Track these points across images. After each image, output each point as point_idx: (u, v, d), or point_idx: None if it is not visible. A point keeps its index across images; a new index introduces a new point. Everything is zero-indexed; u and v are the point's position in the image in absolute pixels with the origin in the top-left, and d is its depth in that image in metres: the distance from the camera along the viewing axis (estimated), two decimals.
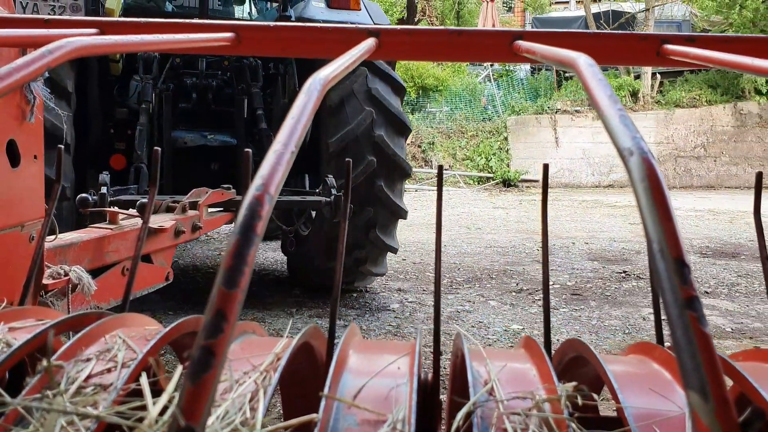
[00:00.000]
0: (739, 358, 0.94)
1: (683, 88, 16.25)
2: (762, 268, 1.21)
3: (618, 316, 4.55)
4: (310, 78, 0.62)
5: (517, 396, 0.74)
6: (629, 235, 8.34)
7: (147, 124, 4.34)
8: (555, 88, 17.08)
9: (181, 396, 0.38)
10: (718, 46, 0.90)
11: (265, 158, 0.49)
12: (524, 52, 0.88)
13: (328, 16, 4.34)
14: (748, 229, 8.74)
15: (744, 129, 15.89)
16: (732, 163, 15.78)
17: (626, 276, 5.87)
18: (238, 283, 0.40)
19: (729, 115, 15.92)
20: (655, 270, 0.42)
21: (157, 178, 1.45)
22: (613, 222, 9.64)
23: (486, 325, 4.30)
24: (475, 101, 17.28)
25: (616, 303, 4.93)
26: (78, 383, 0.73)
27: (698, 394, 0.38)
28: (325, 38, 1.00)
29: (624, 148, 0.48)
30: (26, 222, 1.64)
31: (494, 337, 4.05)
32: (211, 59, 4.70)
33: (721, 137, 15.84)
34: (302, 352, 0.88)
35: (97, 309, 2.27)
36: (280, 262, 6.20)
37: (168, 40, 0.84)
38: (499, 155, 15.68)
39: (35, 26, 0.97)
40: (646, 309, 4.71)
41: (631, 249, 7.27)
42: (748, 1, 15.17)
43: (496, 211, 10.95)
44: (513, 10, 27.34)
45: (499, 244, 7.48)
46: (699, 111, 15.87)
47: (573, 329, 4.24)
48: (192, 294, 4.95)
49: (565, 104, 16.05)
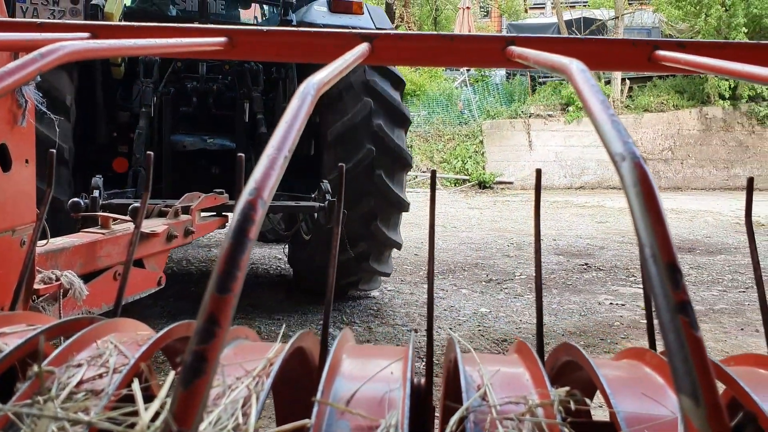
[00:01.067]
0: (731, 362, 0.95)
1: (652, 93, 16.94)
2: (752, 268, 1.22)
3: (576, 301, 5.05)
4: (303, 83, 0.62)
5: (510, 401, 0.74)
6: (595, 232, 8.95)
7: (146, 127, 4.34)
8: (530, 92, 17.52)
9: (173, 401, 0.38)
10: (709, 52, 0.91)
11: (258, 163, 0.48)
12: (517, 57, 0.88)
13: (330, 20, 4.32)
14: (705, 227, 9.55)
15: (709, 132, 16.64)
16: (698, 166, 16.52)
17: (587, 268, 6.41)
18: (231, 287, 0.40)
19: (695, 119, 16.68)
20: (647, 274, 0.43)
21: (149, 183, 1.45)
22: (581, 221, 10.28)
23: (457, 308, 4.78)
24: (452, 106, 17.78)
25: (575, 290, 5.45)
26: (69, 389, 0.73)
27: (690, 398, 0.38)
28: (319, 43, 1.00)
29: (616, 153, 0.49)
30: (17, 226, 1.63)
31: (464, 319, 4.53)
32: (212, 63, 4.69)
33: (687, 140, 16.58)
34: (295, 357, 0.88)
35: (88, 314, 2.26)
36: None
37: (161, 45, 0.83)
38: (475, 158, 16.25)
39: (28, 30, 0.96)
40: (602, 296, 5.25)
41: (594, 245, 7.85)
42: (712, 10, 15.75)
43: (471, 211, 11.54)
44: (490, 15, 27.63)
45: (473, 241, 8.04)
46: (666, 115, 16.59)
47: (534, 312, 4.42)
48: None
49: (539, 108, 16.82)
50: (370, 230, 4.39)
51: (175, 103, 4.57)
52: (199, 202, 3.64)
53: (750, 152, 16.49)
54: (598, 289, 5.54)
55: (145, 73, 4.44)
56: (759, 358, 0.93)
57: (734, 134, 16.57)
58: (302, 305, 4.76)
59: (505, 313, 4.72)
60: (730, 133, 16.55)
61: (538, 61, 0.78)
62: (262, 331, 4.18)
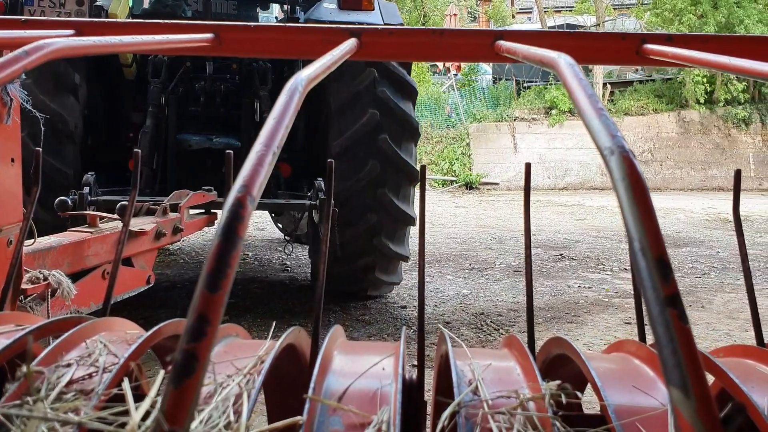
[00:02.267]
0: (720, 354, 0.96)
1: (632, 97, 17.65)
2: (740, 262, 1.23)
3: (548, 285, 5.63)
4: (291, 78, 0.62)
5: (502, 395, 0.74)
6: (572, 228, 9.53)
7: (153, 126, 4.37)
8: (515, 97, 18.05)
9: (164, 400, 0.38)
10: (696, 46, 0.91)
11: (247, 160, 0.48)
12: (505, 52, 0.88)
13: (337, 17, 4.22)
14: (676, 223, 10.16)
15: (687, 135, 17.35)
16: (677, 167, 17.22)
17: (562, 258, 6.93)
18: (221, 285, 0.40)
19: (674, 122, 17.38)
20: (636, 268, 0.43)
21: (137, 181, 1.44)
22: (561, 218, 10.80)
23: (442, 290, 5.30)
24: (439, 109, 18.42)
25: (549, 276, 6.01)
26: (59, 389, 0.72)
27: (680, 390, 0.38)
28: (306, 39, 1.00)
29: (604, 147, 0.48)
30: (4, 226, 1.61)
31: (447, 298, 5.06)
32: (220, 63, 4.66)
33: (666, 143, 17.26)
34: (286, 355, 0.88)
35: (77, 313, 2.24)
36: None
37: (147, 41, 0.83)
38: (462, 160, 16.82)
39: (12, 27, 0.95)
40: (572, 280, 5.82)
41: (571, 239, 8.40)
42: (685, 18, 16.32)
43: (458, 209, 11.98)
44: (477, 20, 27.88)
45: (458, 236, 8.53)
46: (646, 119, 17.28)
47: (510, 294, 5.26)
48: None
49: (523, 112, 17.45)
50: (373, 244, 4.31)
51: (182, 103, 4.58)
52: (187, 200, 3.62)
53: (726, 154, 17.14)
54: (569, 275, 6.07)
55: (153, 73, 4.46)
56: (747, 349, 0.93)
57: (711, 137, 17.25)
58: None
59: (484, 294, 5.25)
60: (707, 136, 17.21)
61: (527, 55, 0.78)
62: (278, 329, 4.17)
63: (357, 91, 4.18)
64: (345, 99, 4.21)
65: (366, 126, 4.17)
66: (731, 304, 5.09)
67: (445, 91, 19.19)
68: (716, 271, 6.38)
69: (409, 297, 4.97)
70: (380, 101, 4.18)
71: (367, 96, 4.18)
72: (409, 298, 4.93)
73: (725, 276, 6.13)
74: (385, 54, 1.08)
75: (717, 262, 6.81)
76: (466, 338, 4.05)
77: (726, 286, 5.74)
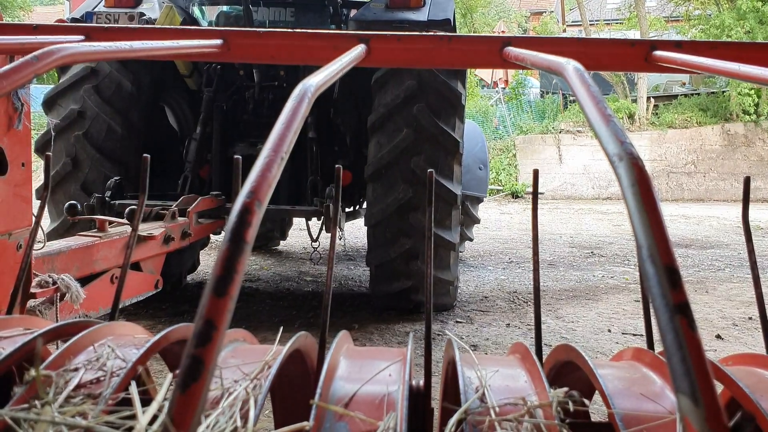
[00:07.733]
0: (729, 362, 0.95)
1: (676, 111, 17.82)
2: (749, 263, 1.22)
3: (576, 275, 6.29)
4: (299, 84, 0.62)
5: (509, 402, 0.74)
6: (608, 232, 9.94)
7: (201, 135, 4.49)
8: (561, 110, 18.59)
9: (171, 405, 0.38)
10: (705, 52, 0.91)
11: (254, 165, 0.48)
12: (513, 58, 0.88)
13: (382, 16, 4.08)
14: (708, 229, 10.37)
15: (731, 148, 17.50)
16: (720, 179, 17.36)
17: (592, 255, 7.60)
18: (228, 290, 0.40)
19: (717, 135, 17.53)
20: (645, 275, 0.42)
21: (146, 185, 1.44)
22: (600, 224, 11.16)
23: (482, 277, 6.01)
24: (488, 122, 18.89)
25: (578, 269, 6.65)
26: (66, 393, 0.73)
27: (689, 398, 0.38)
28: (315, 45, 1.00)
29: (613, 154, 0.48)
30: (14, 230, 1.62)
31: (487, 281, 5.76)
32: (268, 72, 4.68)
33: (710, 155, 17.42)
34: (293, 360, 0.88)
35: (85, 317, 2.25)
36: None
37: (156, 47, 0.83)
38: (508, 170, 17.23)
39: (23, 33, 0.96)
40: (598, 272, 6.42)
41: (605, 241, 8.86)
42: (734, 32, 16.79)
43: (503, 216, 12.39)
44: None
45: (501, 237, 9.06)
46: (689, 131, 17.45)
47: (542, 280, 5.58)
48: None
49: (569, 125, 17.70)
50: (410, 268, 4.07)
51: (231, 111, 4.68)
52: (195, 205, 3.63)
53: None
54: (596, 268, 6.68)
55: (207, 83, 4.58)
56: (757, 357, 0.93)
57: (755, 149, 17.43)
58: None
59: (519, 279, 5.93)
60: (751, 148, 17.40)
61: (535, 62, 0.78)
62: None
63: (392, 109, 3.99)
64: (378, 115, 4.05)
65: (399, 146, 3.98)
66: (733, 290, 5.48)
67: (493, 104, 19.76)
68: (731, 267, 6.71)
69: None
70: (415, 120, 3.96)
71: (402, 114, 3.98)
72: None
73: (738, 271, 6.47)
74: (393, 60, 1.08)
75: (735, 261, 7.06)
76: (500, 308, 4.63)
77: (734, 278, 6.10)
